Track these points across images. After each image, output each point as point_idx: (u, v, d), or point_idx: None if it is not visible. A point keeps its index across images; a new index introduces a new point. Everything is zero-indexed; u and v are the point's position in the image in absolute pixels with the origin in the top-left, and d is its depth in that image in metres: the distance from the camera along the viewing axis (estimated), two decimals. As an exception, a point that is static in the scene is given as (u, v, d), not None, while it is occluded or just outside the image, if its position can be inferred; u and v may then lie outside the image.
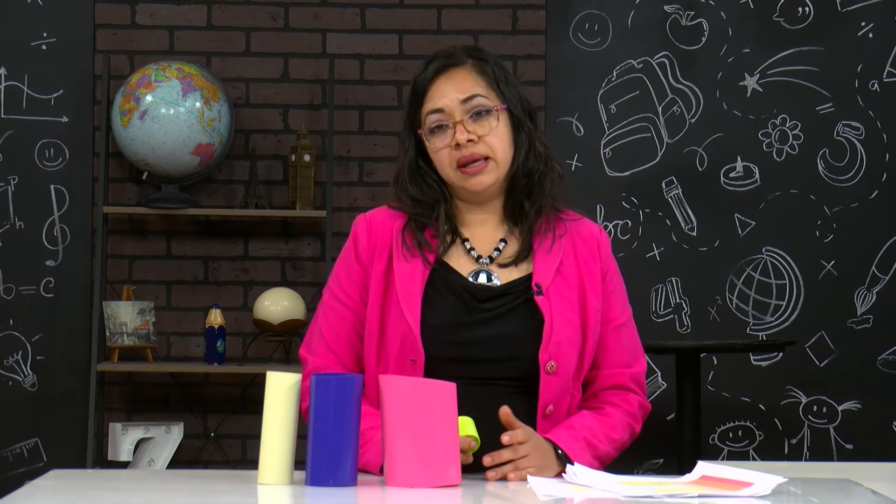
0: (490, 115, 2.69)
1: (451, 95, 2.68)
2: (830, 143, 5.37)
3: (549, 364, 2.62)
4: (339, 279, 2.73)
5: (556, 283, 2.67)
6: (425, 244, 2.69)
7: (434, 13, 5.37)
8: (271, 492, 2.31)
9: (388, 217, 2.74)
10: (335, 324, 2.71)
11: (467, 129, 2.67)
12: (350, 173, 5.34)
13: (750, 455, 5.31)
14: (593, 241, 2.75)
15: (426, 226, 2.71)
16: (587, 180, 5.33)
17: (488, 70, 2.71)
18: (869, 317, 5.34)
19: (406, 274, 2.66)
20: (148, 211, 5.18)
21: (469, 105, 2.68)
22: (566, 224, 2.75)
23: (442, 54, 2.74)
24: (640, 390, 2.75)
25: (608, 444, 2.67)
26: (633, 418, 2.73)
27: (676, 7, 5.37)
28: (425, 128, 2.69)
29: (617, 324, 2.74)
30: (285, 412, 2.35)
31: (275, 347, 5.26)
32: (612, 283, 2.75)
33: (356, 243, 2.72)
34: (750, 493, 2.25)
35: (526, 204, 2.71)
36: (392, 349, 2.64)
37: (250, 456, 5.27)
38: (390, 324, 2.65)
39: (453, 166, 2.68)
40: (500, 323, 2.65)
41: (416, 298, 2.63)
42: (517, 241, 2.72)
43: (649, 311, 5.33)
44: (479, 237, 2.73)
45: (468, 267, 2.70)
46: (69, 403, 5.25)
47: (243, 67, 5.36)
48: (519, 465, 2.51)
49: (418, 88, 2.71)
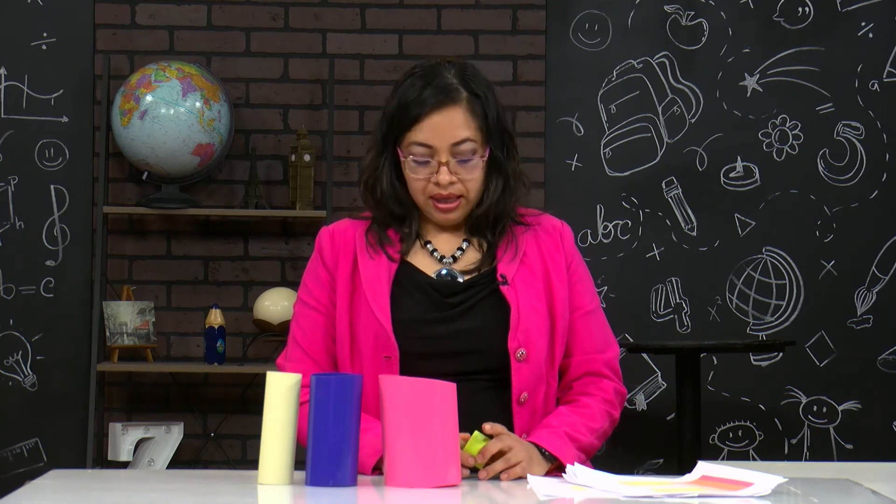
0: (474, 160, 2.71)
1: (443, 135, 2.69)
2: (830, 143, 5.37)
3: (518, 352, 2.66)
4: (308, 287, 2.78)
5: (520, 273, 2.72)
6: (388, 241, 2.74)
7: (434, 13, 5.37)
8: (271, 492, 2.31)
9: (351, 226, 2.79)
10: (308, 329, 2.76)
11: (450, 171, 2.70)
12: (350, 173, 5.34)
13: (750, 455, 5.31)
14: (556, 233, 2.80)
15: (388, 226, 2.77)
16: (587, 180, 5.34)
17: (479, 109, 2.71)
18: (869, 317, 5.34)
19: (372, 272, 2.71)
20: (148, 211, 5.18)
21: (457, 149, 2.70)
22: (526, 220, 2.80)
23: (438, 85, 2.71)
24: (615, 375, 2.79)
25: (590, 434, 2.69)
26: (610, 405, 2.75)
27: (676, 7, 5.37)
28: (408, 156, 2.71)
29: (586, 311, 2.78)
30: (285, 412, 2.35)
31: (275, 347, 5.26)
32: (577, 272, 2.79)
33: (321, 251, 2.78)
34: (750, 493, 2.25)
35: (487, 231, 2.76)
36: (365, 348, 2.67)
37: (250, 456, 5.27)
38: (361, 323, 2.69)
39: (426, 195, 2.72)
40: (468, 316, 2.70)
41: (384, 297, 2.68)
42: (477, 249, 2.77)
43: (649, 311, 5.33)
44: (440, 241, 2.78)
45: (431, 266, 2.75)
46: (69, 403, 5.25)
47: (243, 67, 5.36)
48: (510, 459, 2.54)
49: (409, 112, 2.70)
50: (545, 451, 2.60)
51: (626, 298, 5.32)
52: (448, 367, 2.64)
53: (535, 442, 2.61)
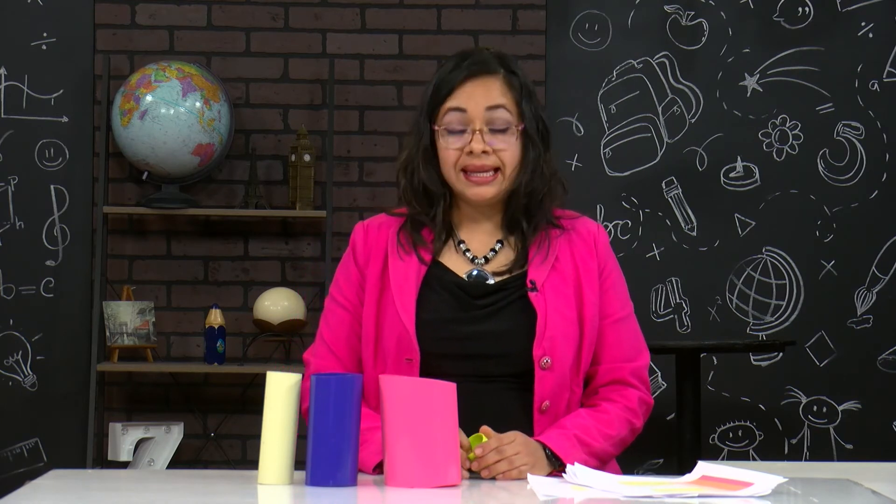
0: (509, 131, 2.70)
1: (478, 100, 2.69)
2: (830, 143, 5.37)
3: (543, 360, 2.63)
4: (339, 284, 2.77)
5: (551, 279, 2.69)
6: (420, 242, 2.72)
7: (434, 13, 5.37)
8: (271, 492, 2.31)
9: (386, 223, 2.77)
10: (335, 326, 2.74)
11: (484, 140, 2.68)
12: (350, 173, 5.34)
13: (750, 455, 5.31)
14: (590, 238, 2.77)
15: (423, 225, 2.74)
16: (587, 180, 5.33)
17: (516, 85, 2.72)
18: (869, 317, 5.34)
19: (401, 272, 2.69)
20: (148, 211, 5.18)
21: (492, 115, 2.69)
22: (562, 223, 2.76)
23: (475, 59, 2.73)
24: (642, 385, 2.74)
25: (604, 440, 2.65)
26: (632, 413, 2.71)
27: (676, 7, 5.37)
28: (442, 124, 2.70)
29: (616, 318, 2.74)
30: (285, 412, 2.35)
31: (275, 347, 5.26)
32: (610, 279, 2.75)
33: (354, 248, 2.76)
34: (750, 493, 2.25)
35: (524, 222, 2.73)
36: (389, 349, 2.66)
37: (250, 456, 5.27)
38: (386, 323, 2.67)
39: (458, 168, 2.69)
40: (495, 319, 2.67)
41: (410, 297, 2.66)
42: (512, 249, 2.74)
43: (649, 311, 5.32)
44: (474, 239, 2.75)
45: (463, 267, 2.72)
46: (69, 403, 5.25)
47: (243, 67, 5.36)
48: (513, 461, 2.52)
49: (444, 85, 2.71)
50: (550, 451, 2.58)
51: (626, 298, 5.31)
52: (471, 370, 2.62)
53: (542, 441, 2.59)
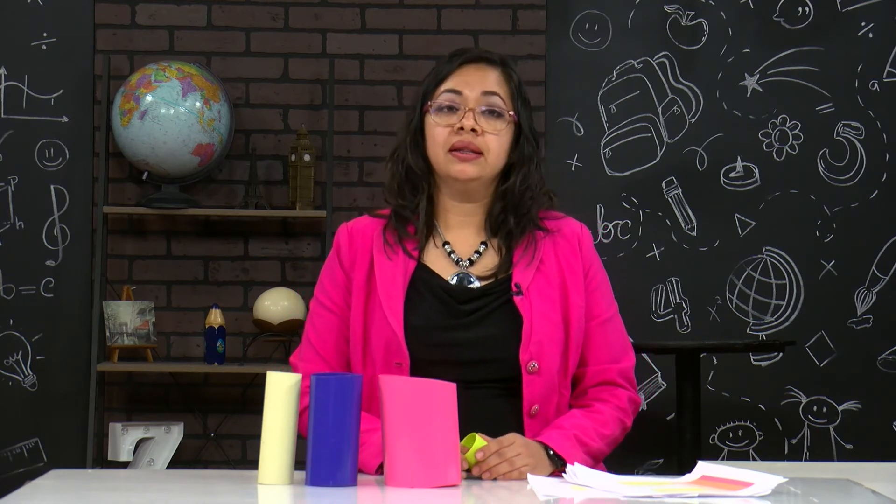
0: (501, 118, 2.71)
1: (474, 84, 2.72)
2: (830, 143, 5.37)
3: (530, 364, 2.64)
4: (324, 286, 2.76)
5: (536, 282, 2.69)
6: (406, 236, 2.72)
7: (434, 13, 5.37)
8: (271, 492, 2.31)
9: (370, 224, 2.77)
10: (322, 329, 2.75)
11: (476, 120, 2.69)
12: (350, 173, 5.34)
13: (750, 455, 5.31)
14: (574, 239, 2.77)
15: (407, 221, 2.74)
16: (587, 180, 5.33)
17: (513, 82, 2.76)
18: (869, 317, 5.34)
19: (388, 275, 2.69)
20: (148, 211, 5.18)
21: (486, 99, 2.71)
22: (546, 224, 2.77)
23: (475, 51, 2.78)
24: (630, 385, 2.76)
25: (599, 440, 2.67)
26: (623, 413, 2.73)
27: (676, 7, 5.37)
28: (434, 103, 2.71)
29: (602, 319, 2.75)
30: (285, 412, 2.35)
31: (275, 347, 5.25)
32: (595, 280, 2.76)
33: (339, 251, 2.76)
34: (750, 493, 2.25)
35: (511, 221, 2.73)
36: (377, 353, 2.66)
37: (250, 456, 5.27)
38: (374, 328, 2.67)
39: (446, 147, 2.70)
40: (481, 325, 2.67)
41: (398, 302, 2.66)
42: (496, 251, 2.74)
43: (649, 311, 5.33)
44: (458, 240, 2.76)
45: (448, 269, 2.72)
46: (69, 403, 5.25)
47: (243, 67, 5.36)
48: (514, 462, 2.52)
49: (441, 71, 2.74)
50: (552, 451, 2.58)
51: (626, 298, 5.29)
52: (459, 375, 2.60)
53: (544, 441, 2.59)
